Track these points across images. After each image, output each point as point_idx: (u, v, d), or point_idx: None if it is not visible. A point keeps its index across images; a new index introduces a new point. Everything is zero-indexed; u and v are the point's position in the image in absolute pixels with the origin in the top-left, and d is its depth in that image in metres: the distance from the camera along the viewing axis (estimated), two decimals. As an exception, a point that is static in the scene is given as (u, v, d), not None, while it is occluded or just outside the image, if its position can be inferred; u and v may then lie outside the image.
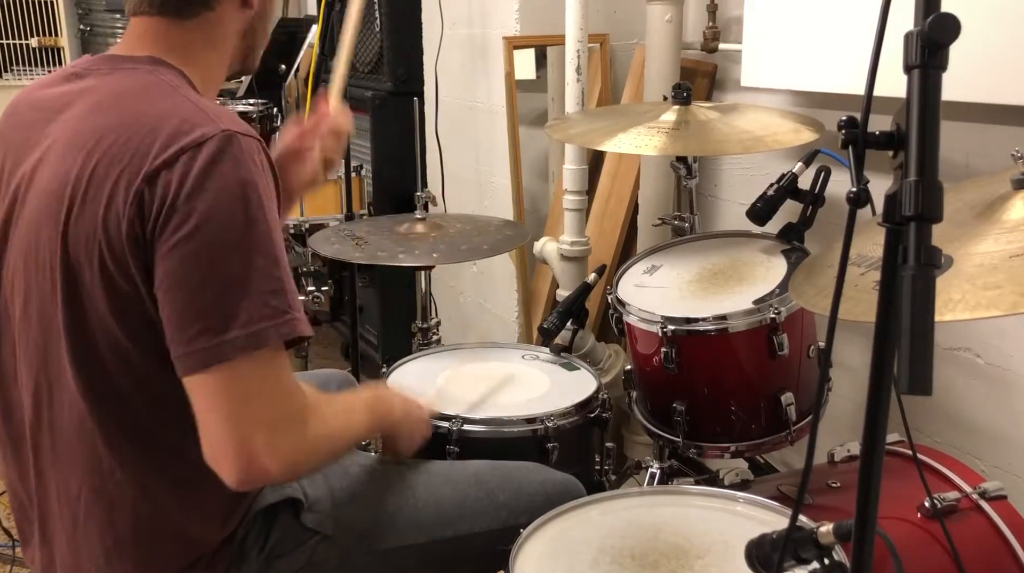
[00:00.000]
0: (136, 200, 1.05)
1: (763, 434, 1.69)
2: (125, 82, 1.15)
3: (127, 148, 1.07)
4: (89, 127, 1.11)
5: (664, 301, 1.73)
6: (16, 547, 2.36)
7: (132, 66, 1.17)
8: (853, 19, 1.80)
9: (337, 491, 1.34)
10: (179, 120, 1.07)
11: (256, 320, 1.05)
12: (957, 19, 0.71)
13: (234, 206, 1.05)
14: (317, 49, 2.56)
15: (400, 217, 2.28)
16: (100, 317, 1.10)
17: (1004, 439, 1.81)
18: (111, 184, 1.06)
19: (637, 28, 2.60)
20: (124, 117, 1.10)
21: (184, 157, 1.05)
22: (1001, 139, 1.66)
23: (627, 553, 1.26)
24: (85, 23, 5.28)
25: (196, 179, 1.04)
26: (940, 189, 0.71)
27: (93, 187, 1.07)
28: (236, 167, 1.06)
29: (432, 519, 1.38)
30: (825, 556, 0.97)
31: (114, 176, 1.06)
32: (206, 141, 1.05)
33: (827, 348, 0.88)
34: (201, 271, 1.04)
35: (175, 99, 1.12)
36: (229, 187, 1.05)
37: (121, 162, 1.07)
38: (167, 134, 1.06)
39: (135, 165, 1.06)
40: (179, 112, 1.09)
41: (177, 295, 1.05)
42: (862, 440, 0.83)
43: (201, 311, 1.04)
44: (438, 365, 1.89)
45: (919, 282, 0.68)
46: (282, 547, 1.27)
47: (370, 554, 1.33)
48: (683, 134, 1.80)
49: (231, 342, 1.04)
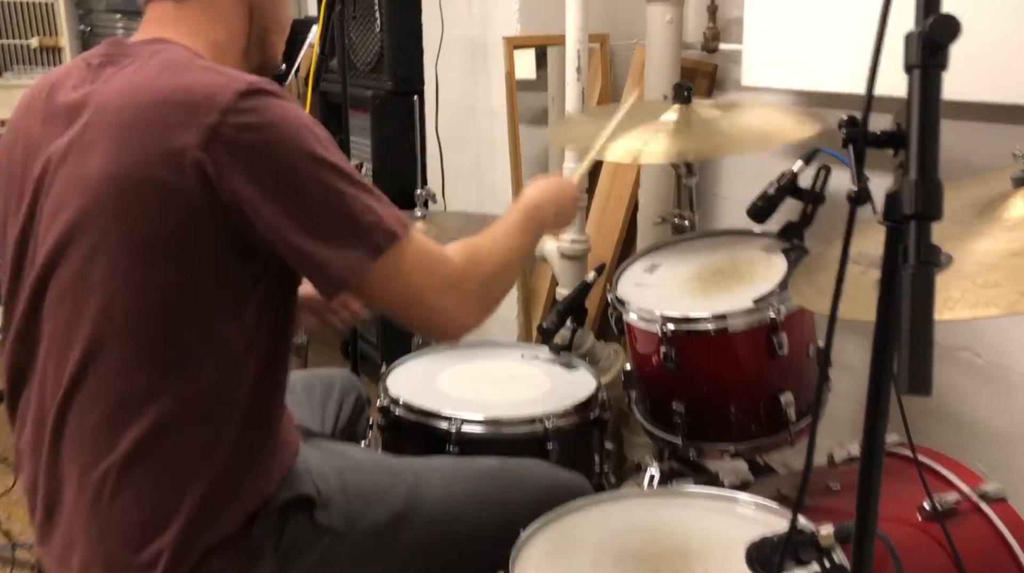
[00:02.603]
0: (196, 172, 1.07)
1: (763, 434, 1.69)
2: (142, 64, 1.17)
3: (163, 126, 1.09)
4: (116, 114, 1.12)
5: (664, 300, 1.72)
6: (16, 548, 2.36)
7: (145, 48, 1.19)
8: (853, 19, 1.80)
9: (350, 489, 1.34)
10: (205, 86, 1.10)
11: (383, 217, 1.14)
12: (957, 19, 0.71)
13: (302, 134, 1.11)
14: (317, 49, 2.55)
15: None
16: (158, 301, 1.13)
17: (1004, 440, 1.81)
18: (158, 165, 1.08)
19: (637, 28, 2.60)
20: (153, 99, 1.11)
21: (229, 118, 1.07)
22: (1001, 138, 1.66)
23: (627, 554, 1.26)
24: (85, 23, 5.27)
25: (249, 138, 1.08)
26: (940, 188, 0.70)
27: (138, 172, 1.09)
28: (279, 107, 1.11)
29: (444, 516, 1.38)
30: (825, 558, 0.97)
31: (158, 157, 1.08)
32: (239, 98, 1.08)
33: (826, 348, 0.88)
34: (311, 199, 1.11)
35: (192, 70, 1.14)
36: (282, 135, 1.10)
37: (161, 141, 1.08)
38: (199, 102, 1.08)
39: (179, 141, 1.08)
40: (203, 80, 1.12)
41: (301, 226, 1.11)
42: (862, 441, 0.83)
43: (336, 228, 1.12)
44: (438, 364, 1.88)
45: (919, 281, 0.68)
46: (296, 546, 1.27)
47: (383, 551, 1.33)
48: (686, 135, 1.80)
49: (378, 240, 1.13)
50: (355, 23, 3.51)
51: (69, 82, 1.22)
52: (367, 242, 1.13)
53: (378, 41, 3.37)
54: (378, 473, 1.39)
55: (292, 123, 1.11)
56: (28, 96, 1.28)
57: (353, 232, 1.13)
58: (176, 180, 1.08)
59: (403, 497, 1.36)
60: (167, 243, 1.11)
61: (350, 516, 1.31)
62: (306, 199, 1.10)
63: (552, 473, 1.51)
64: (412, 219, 2.20)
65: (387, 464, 1.44)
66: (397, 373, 1.84)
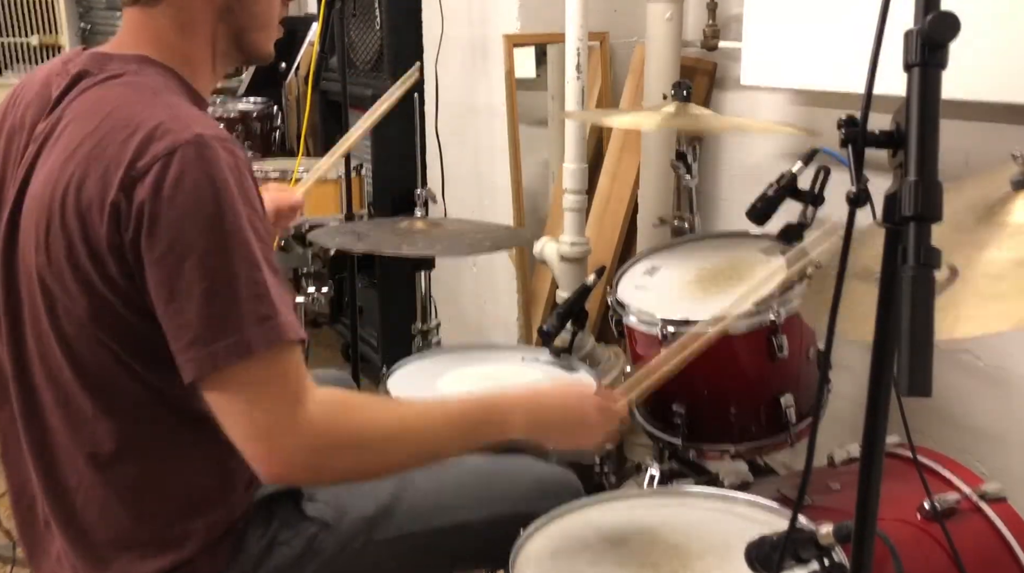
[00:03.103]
0: (113, 211, 1.04)
1: (763, 436, 1.69)
2: (110, 89, 1.14)
3: (104, 158, 1.06)
4: (74, 137, 1.11)
5: (664, 303, 1.72)
6: (16, 547, 2.36)
7: (120, 67, 1.16)
8: (853, 17, 1.79)
9: None
10: (152, 127, 1.06)
11: (240, 328, 1.04)
12: (957, 17, 0.70)
13: (208, 215, 1.03)
14: (317, 47, 2.55)
15: (400, 218, 2.28)
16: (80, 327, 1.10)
17: (1004, 440, 1.81)
18: (88, 194, 1.06)
19: (637, 26, 2.60)
20: (104, 125, 1.09)
21: (157, 166, 1.04)
22: (1001, 138, 1.66)
23: (627, 553, 1.26)
24: (85, 21, 5.27)
25: (169, 189, 1.03)
26: (940, 188, 0.70)
27: (71, 196, 1.07)
28: (208, 174, 1.04)
29: (431, 508, 1.38)
30: (825, 557, 0.97)
31: (91, 186, 1.06)
32: (177, 148, 1.04)
33: (827, 350, 0.88)
34: (184, 282, 1.03)
35: (152, 105, 1.10)
36: (202, 197, 1.03)
37: (97, 171, 1.06)
38: (140, 142, 1.05)
39: (110, 175, 1.05)
40: (153, 118, 1.07)
41: (167, 308, 1.05)
42: (862, 441, 0.82)
43: (189, 322, 1.04)
44: (438, 367, 1.88)
45: (919, 283, 0.68)
46: (282, 535, 1.27)
47: (369, 543, 1.34)
48: (682, 119, 1.82)
49: (220, 352, 1.03)
50: (355, 21, 3.51)
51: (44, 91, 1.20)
52: (238, 335, 1.04)
53: (378, 39, 3.37)
54: None
55: (219, 189, 1.04)
56: (8, 98, 1.26)
57: (229, 320, 1.04)
58: (95, 211, 1.06)
59: (390, 489, 1.36)
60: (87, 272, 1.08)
61: (337, 508, 1.32)
62: (193, 273, 1.03)
63: (540, 469, 1.50)
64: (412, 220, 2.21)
65: None
66: (397, 376, 1.84)
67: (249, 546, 1.25)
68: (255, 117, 3.82)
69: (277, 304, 1.06)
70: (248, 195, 1.08)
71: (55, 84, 1.19)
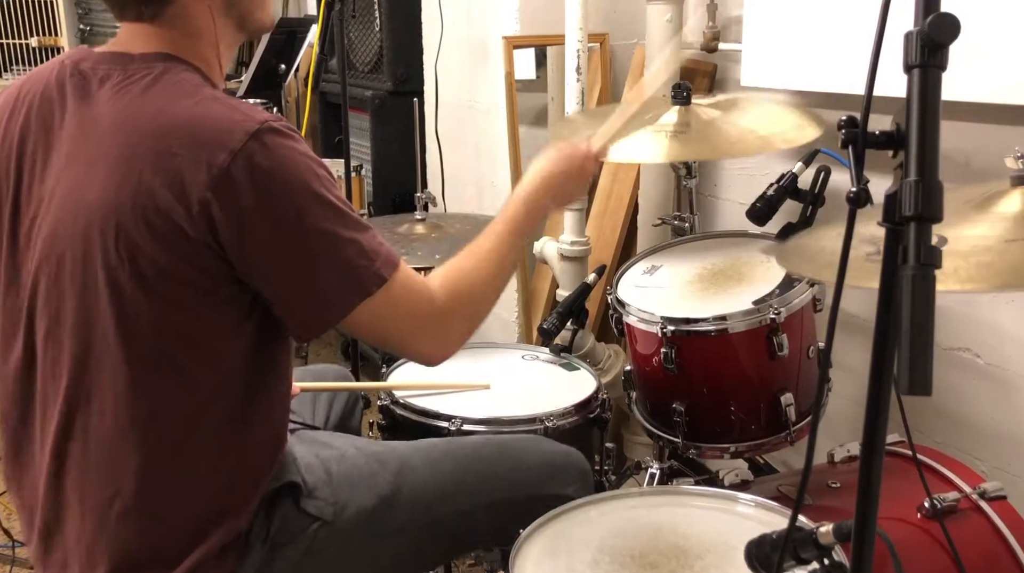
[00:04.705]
0: (203, 211, 1.07)
1: (763, 434, 1.69)
2: (148, 88, 1.14)
3: (171, 158, 1.07)
4: (118, 140, 1.11)
5: (664, 301, 1.73)
6: (16, 547, 2.36)
7: (146, 67, 1.16)
8: (853, 19, 1.80)
9: (335, 476, 1.34)
10: (214, 121, 1.09)
11: (373, 259, 1.16)
12: (957, 19, 0.71)
13: (304, 188, 1.11)
14: (317, 49, 2.55)
15: (400, 217, 2.28)
16: (157, 327, 1.12)
17: (1004, 439, 1.81)
18: (165, 198, 1.07)
19: (637, 28, 2.60)
20: (157, 125, 1.10)
21: (240, 159, 1.07)
22: (1001, 139, 1.66)
23: (627, 553, 1.26)
24: (85, 22, 5.27)
25: (260, 178, 1.08)
26: (940, 189, 0.70)
27: (140, 202, 1.07)
28: (287, 154, 1.11)
29: (433, 497, 1.39)
30: (825, 556, 0.97)
31: (169, 189, 1.07)
32: (250, 137, 1.08)
33: (827, 348, 0.88)
34: (312, 251, 1.13)
35: (201, 101, 1.12)
36: (292, 174, 1.10)
37: (170, 173, 1.07)
38: (209, 139, 1.07)
39: (189, 176, 1.06)
40: (211, 113, 1.11)
41: (299, 281, 1.13)
42: (862, 440, 0.83)
43: (332, 280, 1.14)
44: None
45: (919, 282, 0.68)
46: (284, 535, 1.27)
47: (371, 537, 1.34)
48: (687, 137, 1.80)
49: (369, 283, 1.15)
50: (355, 23, 3.51)
51: (57, 92, 1.19)
52: (354, 285, 1.15)
53: (378, 41, 3.37)
54: (363, 459, 1.39)
55: (299, 167, 1.11)
56: (9, 98, 1.25)
57: (342, 276, 1.15)
58: (180, 216, 1.07)
59: (389, 481, 1.37)
60: (165, 274, 1.10)
61: (337, 503, 1.32)
62: (304, 246, 1.12)
63: (547, 446, 1.52)
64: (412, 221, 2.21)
65: (373, 450, 1.43)
66: (397, 373, 1.84)
67: (253, 551, 1.25)
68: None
69: (378, 240, 1.19)
70: (320, 162, 1.16)
71: (68, 85, 1.18)
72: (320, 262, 1.13)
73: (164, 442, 1.16)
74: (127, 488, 1.16)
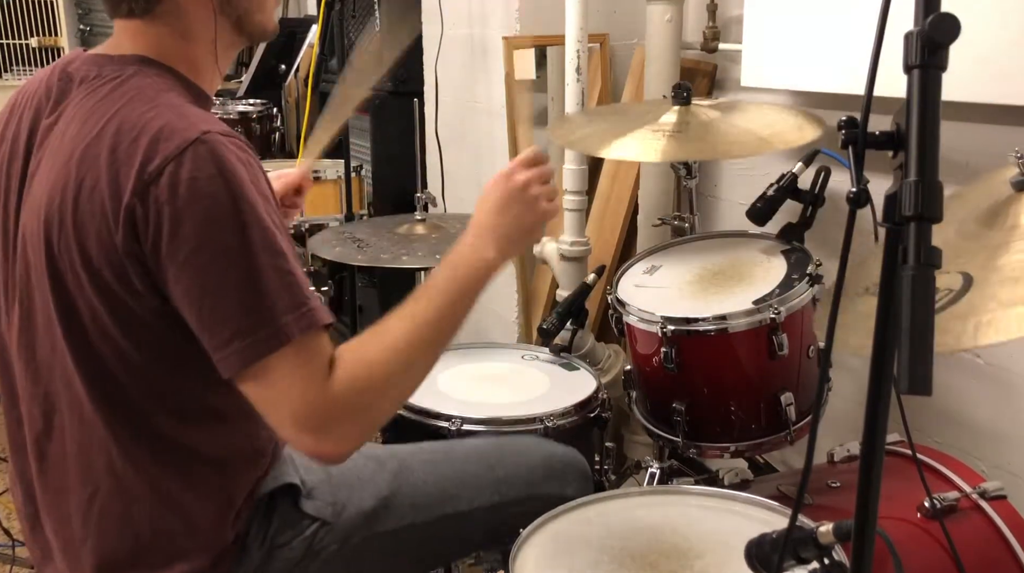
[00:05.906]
0: (128, 216, 1.04)
1: (763, 434, 1.69)
2: (110, 91, 1.13)
3: (111, 162, 1.06)
4: (76, 141, 1.10)
5: (664, 301, 1.73)
6: (16, 547, 2.36)
7: (118, 70, 1.15)
8: (853, 19, 1.80)
9: (335, 476, 1.34)
10: (157, 129, 1.06)
11: (275, 318, 1.05)
12: (957, 19, 0.71)
13: (227, 211, 1.04)
14: (317, 49, 2.56)
15: (400, 218, 2.28)
16: (101, 329, 1.10)
17: (1004, 439, 1.81)
18: (99, 199, 1.06)
19: (637, 28, 2.60)
20: (108, 128, 1.09)
21: (169, 167, 1.04)
22: (1001, 139, 1.66)
23: (627, 553, 1.26)
24: (85, 23, 5.28)
25: (185, 190, 1.03)
26: (940, 189, 0.71)
27: (82, 200, 1.07)
28: (220, 170, 1.05)
29: (432, 497, 1.39)
30: (825, 556, 0.97)
31: (101, 191, 1.06)
32: (187, 148, 1.04)
33: (827, 348, 0.88)
34: (215, 280, 1.05)
35: (155, 107, 1.10)
36: (219, 193, 1.04)
37: (106, 176, 1.06)
38: (147, 144, 1.05)
39: (121, 179, 1.05)
40: (158, 120, 1.08)
41: (200, 307, 1.06)
42: (862, 440, 0.83)
43: (226, 317, 1.05)
44: (438, 365, 1.87)
45: (919, 282, 0.68)
46: (282, 536, 1.27)
47: (371, 538, 1.34)
48: (686, 137, 1.79)
49: (260, 342, 1.05)
50: (354, 23, 3.51)
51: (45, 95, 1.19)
52: (259, 334, 1.05)
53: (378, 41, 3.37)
54: (362, 460, 1.39)
55: (230, 182, 1.05)
56: (9, 104, 1.25)
57: (239, 325, 1.05)
58: (111, 219, 1.05)
59: (388, 482, 1.37)
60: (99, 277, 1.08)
61: (336, 503, 1.32)
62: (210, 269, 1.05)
63: (547, 446, 1.52)
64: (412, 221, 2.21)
65: (372, 452, 1.43)
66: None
67: (250, 552, 1.25)
68: (254, 119, 3.83)
69: (306, 291, 1.08)
70: (260, 187, 1.09)
71: (55, 87, 1.19)
72: (239, 290, 1.05)
73: (137, 438, 1.16)
74: (105, 486, 1.17)
